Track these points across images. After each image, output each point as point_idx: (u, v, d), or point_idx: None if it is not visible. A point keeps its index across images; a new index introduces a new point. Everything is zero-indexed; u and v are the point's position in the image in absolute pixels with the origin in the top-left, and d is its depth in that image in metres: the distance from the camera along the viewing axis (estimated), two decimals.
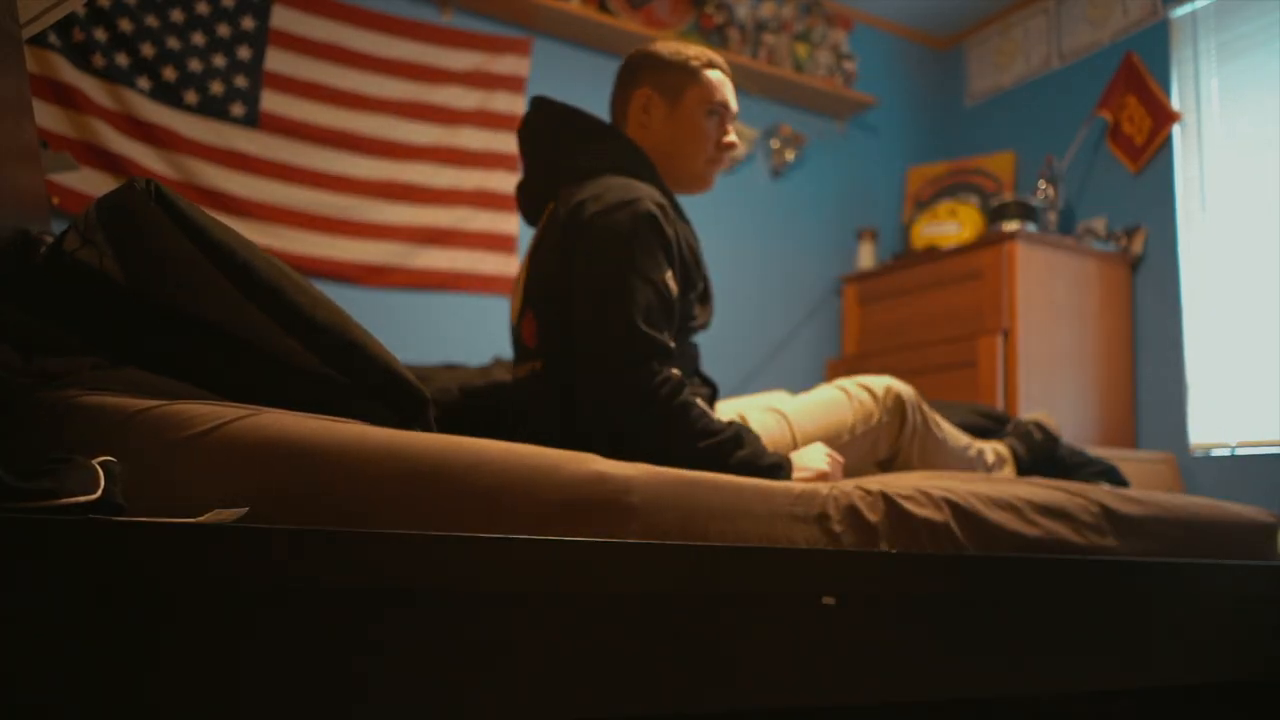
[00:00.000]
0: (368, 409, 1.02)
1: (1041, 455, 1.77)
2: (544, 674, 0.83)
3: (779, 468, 1.35)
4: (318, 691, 0.74)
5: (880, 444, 1.59)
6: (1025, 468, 1.75)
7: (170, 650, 0.70)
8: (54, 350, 0.97)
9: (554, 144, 1.59)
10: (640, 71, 1.61)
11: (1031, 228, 3.07)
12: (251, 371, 1.00)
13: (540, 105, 1.61)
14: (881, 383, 1.61)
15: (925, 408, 1.63)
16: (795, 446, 1.51)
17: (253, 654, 0.72)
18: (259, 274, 0.97)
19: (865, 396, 1.60)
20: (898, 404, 1.59)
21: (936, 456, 1.62)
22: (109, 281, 0.95)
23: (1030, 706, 1.50)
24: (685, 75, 1.58)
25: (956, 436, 1.67)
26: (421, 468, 0.92)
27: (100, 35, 2.51)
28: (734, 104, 1.63)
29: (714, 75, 1.59)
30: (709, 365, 1.91)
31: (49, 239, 1.24)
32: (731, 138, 1.62)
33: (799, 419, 1.56)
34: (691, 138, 1.58)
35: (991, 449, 1.75)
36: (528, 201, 1.66)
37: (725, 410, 1.63)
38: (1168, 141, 3.14)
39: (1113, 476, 1.76)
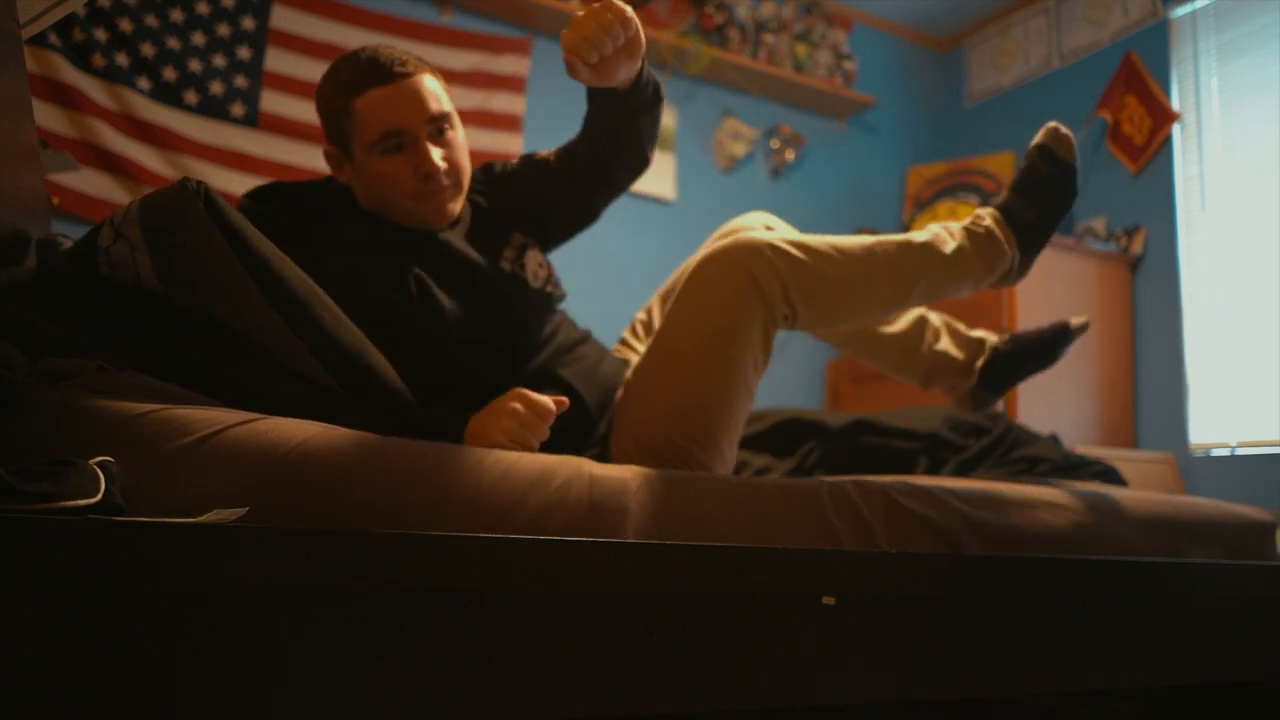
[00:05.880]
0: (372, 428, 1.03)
1: (1048, 192, 1.35)
2: (542, 673, 0.83)
3: None
4: (317, 690, 0.74)
5: (758, 359, 1.25)
6: (1027, 220, 1.36)
7: (171, 649, 0.70)
8: (60, 352, 0.98)
9: None
10: (320, 122, 1.33)
11: None
12: (264, 381, 1.01)
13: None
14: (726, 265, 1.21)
15: (785, 249, 1.22)
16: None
17: (253, 653, 0.72)
18: (290, 288, 0.99)
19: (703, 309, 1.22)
20: (747, 286, 1.20)
21: (847, 294, 1.27)
22: (137, 280, 0.96)
23: (1030, 706, 1.50)
24: (342, 118, 1.26)
25: (853, 254, 1.27)
26: (418, 473, 0.92)
27: (100, 35, 2.51)
28: (414, 116, 1.24)
29: (369, 100, 1.24)
30: None
31: (64, 240, 1.25)
32: (431, 159, 1.25)
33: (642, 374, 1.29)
34: (381, 191, 1.28)
35: (947, 227, 1.36)
36: None
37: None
38: (1168, 141, 3.14)
39: (1111, 477, 1.75)
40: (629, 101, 1.29)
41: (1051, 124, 1.37)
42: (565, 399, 1.12)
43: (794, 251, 1.22)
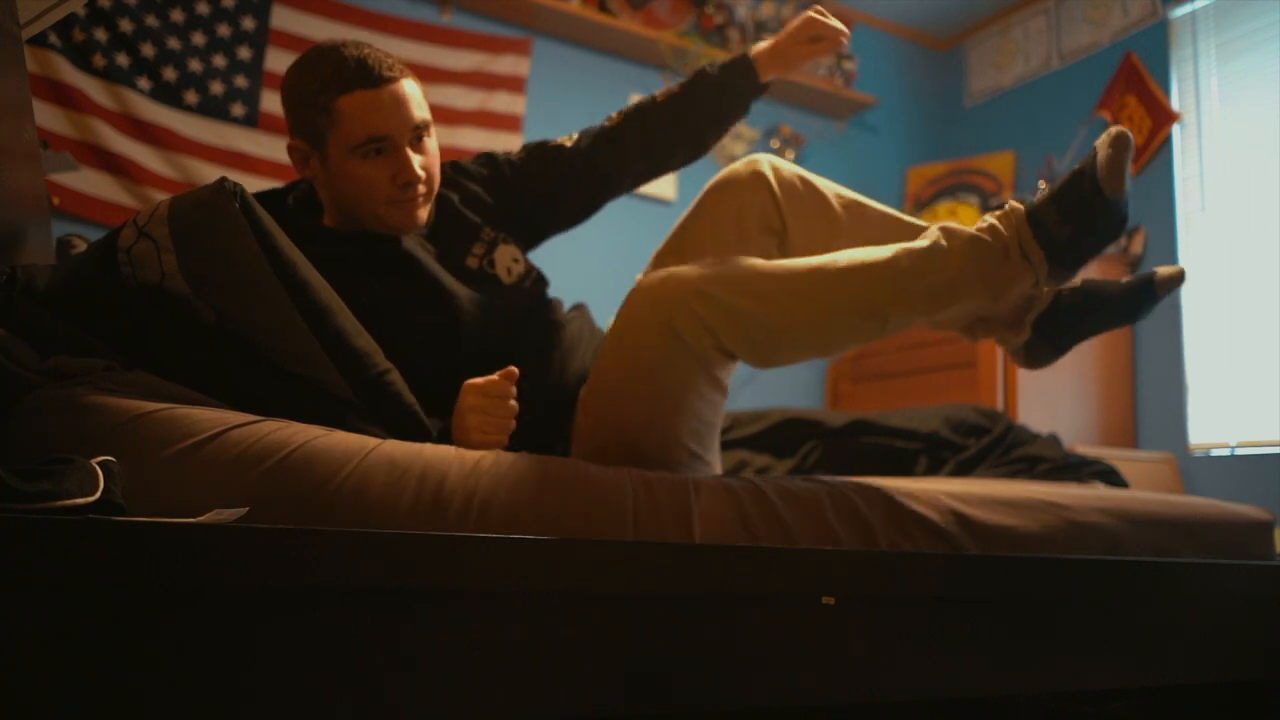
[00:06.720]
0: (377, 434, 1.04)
1: (1089, 213, 1.12)
2: (541, 672, 0.83)
3: None
4: (318, 690, 0.74)
5: (705, 393, 1.18)
6: (1058, 238, 1.13)
7: (170, 651, 0.70)
8: (73, 352, 0.98)
9: None
10: (286, 113, 1.28)
11: None
12: (275, 385, 1.02)
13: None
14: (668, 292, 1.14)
15: (715, 295, 1.11)
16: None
17: (253, 653, 0.72)
18: (315, 293, 1.00)
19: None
20: (670, 337, 1.12)
21: (795, 339, 1.17)
22: (161, 279, 0.96)
23: (1030, 707, 1.50)
24: (318, 116, 1.22)
25: (806, 294, 1.13)
26: (417, 475, 0.92)
27: (100, 35, 2.51)
28: (400, 123, 1.22)
29: (355, 101, 1.20)
30: None
31: (79, 242, 1.25)
32: (411, 169, 1.23)
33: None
34: (354, 191, 1.25)
35: (954, 238, 1.16)
36: None
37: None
38: (1167, 141, 3.14)
39: (1111, 478, 1.75)
40: (757, 95, 1.46)
41: (1117, 131, 1.11)
42: (514, 369, 1.11)
43: (726, 298, 1.11)
